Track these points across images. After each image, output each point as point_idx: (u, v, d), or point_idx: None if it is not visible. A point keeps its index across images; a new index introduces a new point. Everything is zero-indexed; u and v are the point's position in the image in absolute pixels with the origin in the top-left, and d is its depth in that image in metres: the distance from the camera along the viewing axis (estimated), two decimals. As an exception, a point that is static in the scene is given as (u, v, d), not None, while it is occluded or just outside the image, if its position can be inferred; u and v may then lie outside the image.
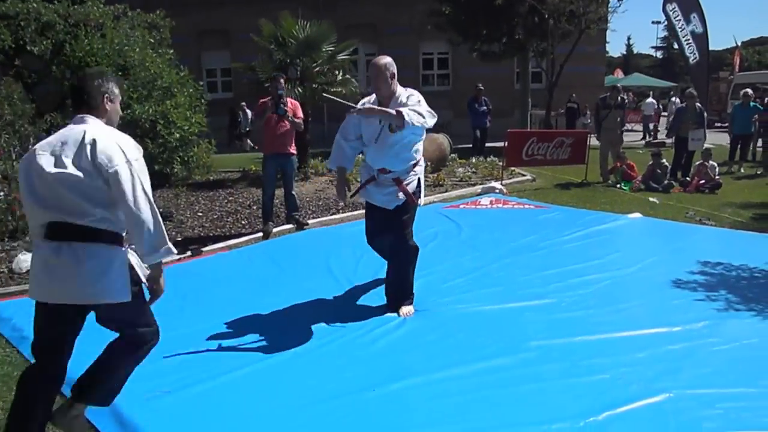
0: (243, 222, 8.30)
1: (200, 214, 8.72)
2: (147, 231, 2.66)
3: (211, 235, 7.66)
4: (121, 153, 2.70)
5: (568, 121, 21.14)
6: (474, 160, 13.60)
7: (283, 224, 7.88)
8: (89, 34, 8.27)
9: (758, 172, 12.79)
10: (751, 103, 13.38)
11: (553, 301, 4.94)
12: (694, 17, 21.14)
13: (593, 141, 12.21)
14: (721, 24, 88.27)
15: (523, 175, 12.25)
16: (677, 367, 3.74)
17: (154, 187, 2.84)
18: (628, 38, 71.41)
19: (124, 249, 2.80)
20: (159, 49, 9.22)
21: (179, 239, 7.40)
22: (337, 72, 11.83)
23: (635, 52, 71.70)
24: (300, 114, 7.49)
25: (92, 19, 9.15)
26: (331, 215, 8.60)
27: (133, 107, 7.00)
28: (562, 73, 18.13)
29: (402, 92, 4.58)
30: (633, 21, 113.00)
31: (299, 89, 11.06)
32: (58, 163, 2.68)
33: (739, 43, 46.18)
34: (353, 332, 4.40)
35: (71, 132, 2.77)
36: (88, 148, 2.67)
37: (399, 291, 4.85)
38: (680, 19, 21.48)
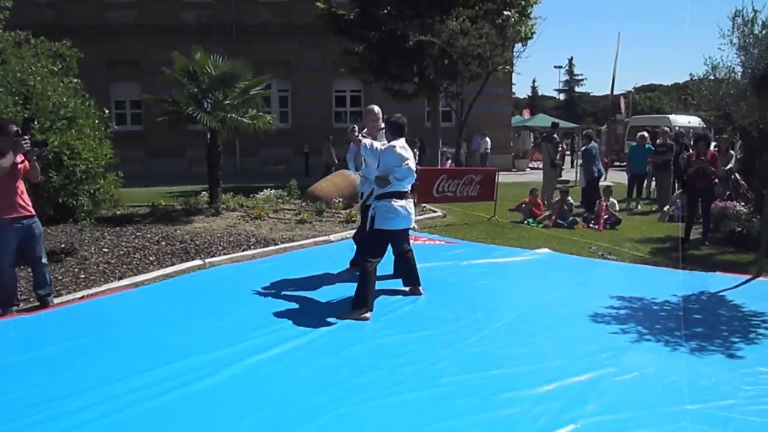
0: (151, 258, 8.03)
1: (106, 249, 8.38)
2: None
3: (117, 272, 7.37)
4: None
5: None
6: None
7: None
8: (-13, 61, 7.90)
9: (653, 209, 13.54)
10: (646, 146, 14.22)
11: (464, 336, 5.02)
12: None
13: (502, 178, 12.57)
14: (618, 71, 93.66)
15: (434, 212, 12.50)
16: (582, 398, 3.87)
17: (56, 221, 2.76)
18: (533, 81, 74.47)
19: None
20: (64, 78, 8.88)
21: (82, 276, 7.08)
22: (251, 109, 11.74)
23: (540, 94, 74.87)
24: None
25: (-9, 46, 8.73)
26: (242, 251, 8.47)
27: (35, 137, 6.69)
28: (471, 112, 18.71)
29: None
30: (537, 65, 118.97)
31: (208, 123, 10.93)
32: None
33: (633, 89, 49.48)
34: (263, 368, 4.34)
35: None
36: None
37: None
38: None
